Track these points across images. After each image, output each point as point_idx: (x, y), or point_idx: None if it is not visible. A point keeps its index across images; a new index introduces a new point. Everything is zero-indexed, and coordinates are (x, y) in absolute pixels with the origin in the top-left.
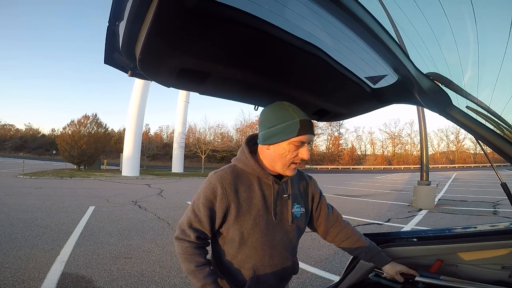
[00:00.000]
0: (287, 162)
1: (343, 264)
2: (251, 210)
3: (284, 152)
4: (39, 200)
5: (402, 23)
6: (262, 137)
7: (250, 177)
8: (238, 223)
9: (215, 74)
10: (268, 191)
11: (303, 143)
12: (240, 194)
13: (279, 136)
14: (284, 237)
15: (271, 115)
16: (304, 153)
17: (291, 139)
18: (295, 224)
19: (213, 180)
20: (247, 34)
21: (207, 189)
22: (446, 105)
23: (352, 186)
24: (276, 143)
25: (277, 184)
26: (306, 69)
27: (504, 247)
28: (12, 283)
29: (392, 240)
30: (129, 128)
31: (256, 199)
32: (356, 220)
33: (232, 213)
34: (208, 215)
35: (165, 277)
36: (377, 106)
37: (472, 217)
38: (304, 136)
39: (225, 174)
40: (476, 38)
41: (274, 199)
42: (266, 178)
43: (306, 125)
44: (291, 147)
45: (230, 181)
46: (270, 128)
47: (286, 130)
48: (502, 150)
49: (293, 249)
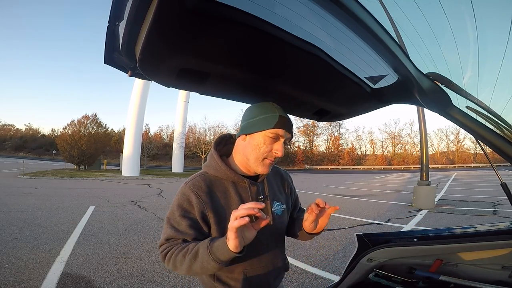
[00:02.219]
0: (260, 155)
1: (343, 264)
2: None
3: (258, 143)
4: (39, 200)
5: (402, 23)
6: (241, 128)
7: (225, 182)
8: (219, 232)
9: (215, 74)
10: (245, 194)
11: (279, 136)
12: (216, 201)
13: (256, 127)
14: (269, 237)
15: (254, 108)
16: (278, 148)
17: (267, 130)
18: (278, 222)
19: (186, 190)
20: (247, 34)
21: (181, 200)
22: (446, 105)
23: (352, 186)
24: (252, 132)
25: (254, 186)
26: (306, 69)
27: (504, 247)
28: (12, 283)
29: (392, 240)
30: (129, 128)
31: (234, 204)
32: (356, 220)
33: (212, 222)
34: (190, 225)
35: (165, 277)
36: (377, 106)
37: (472, 217)
38: (281, 130)
39: (197, 182)
40: (476, 38)
41: (253, 200)
42: (241, 181)
43: (285, 121)
44: (266, 139)
45: (204, 189)
46: (249, 120)
47: (264, 121)
48: (502, 150)
49: (280, 247)
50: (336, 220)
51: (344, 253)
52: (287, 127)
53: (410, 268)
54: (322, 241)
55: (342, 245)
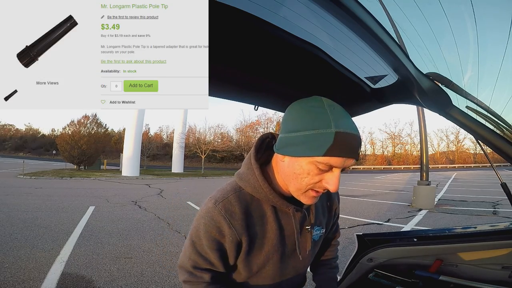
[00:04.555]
0: (302, 187)
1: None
2: (264, 246)
3: (301, 173)
4: (39, 200)
5: (402, 23)
6: (279, 141)
7: (263, 204)
8: (248, 260)
9: (214, 74)
10: (287, 222)
11: (333, 168)
12: (253, 229)
13: (300, 149)
14: (298, 264)
15: (299, 114)
16: (331, 182)
17: (315, 157)
18: (312, 249)
19: (216, 215)
20: (247, 34)
21: (210, 227)
22: (446, 105)
23: (352, 186)
24: (293, 156)
25: (298, 212)
26: (306, 69)
27: (504, 247)
28: (12, 283)
29: (392, 240)
30: (129, 128)
31: (270, 232)
32: (356, 220)
33: (243, 251)
34: (219, 257)
35: (165, 277)
36: (377, 106)
37: (472, 217)
38: (338, 158)
39: (230, 206)
40: (476, 38)
41: (297, 232)
42: (284, 206)
43: (345, 141)
44: (312, 169)
45: (239, 216)
46: (291, 133)
47: (312, 142)
48: (502, 150)
49: (305, 270)
50: None
51: (344, 253)
52: (347, 153)
53: (410, 268)
54: None
55: (342, 245)
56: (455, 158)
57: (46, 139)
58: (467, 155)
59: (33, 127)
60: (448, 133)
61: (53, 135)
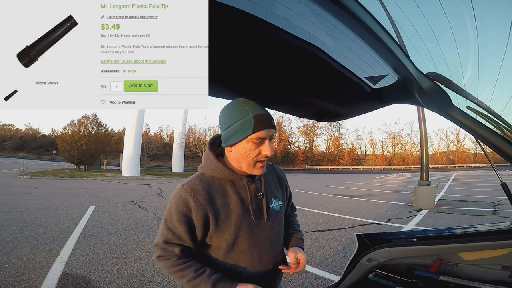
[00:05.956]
0: (251, 161)
1: (343, 264)
2: (231, 216)
3: (245, 152)
4: (39, 200)
5: (402, 23)
6: (222, 139)
7: (223, 182)
8: (220, 232)
9: (214, 74)
10: (244, 193)
11: (262, 139)
12: (216, 202)
13: (236, 136)
14: (269, 235)
15: (226, 115)
16: (266, 149)
17: (248, 137)
18: (276, 219)
19: (183, 193)
20: (247, 34)
21: (179, 203)
22: (446, 105)
23: (352, 186)
24: (235, 143)
25: (252, 183)
26: (306, 69)
27: (504, 247)
28: (12, 283)
29: (392, 240)
30: (129, 128)
31: (233, 203)
32: (356, 220)
33: (212, 223)
34: (187, 231)
35: (165, 277)
36: (377, 106)
37: (472, 217)
38: (261, 131)
39: (194, 185)
40: (476, 38)
41: (251, 199)
42: (239, 180)
43: (261, 119)
44: (250, 146)
45: (202, 191)
46: (227, 129)
47: (241, 128)
48: (502, 150)
49: (280, 244)
50: (336, 220)
51: (344, 253)
52: (266, 125)
53: (410, 268)
54: (322, 241)
55: (342, 245)
56: (455, 158)
57: (46, 139)
58: (467, 155)
59: (33, 127)
60: (448, 133)
61: (53, 135)
